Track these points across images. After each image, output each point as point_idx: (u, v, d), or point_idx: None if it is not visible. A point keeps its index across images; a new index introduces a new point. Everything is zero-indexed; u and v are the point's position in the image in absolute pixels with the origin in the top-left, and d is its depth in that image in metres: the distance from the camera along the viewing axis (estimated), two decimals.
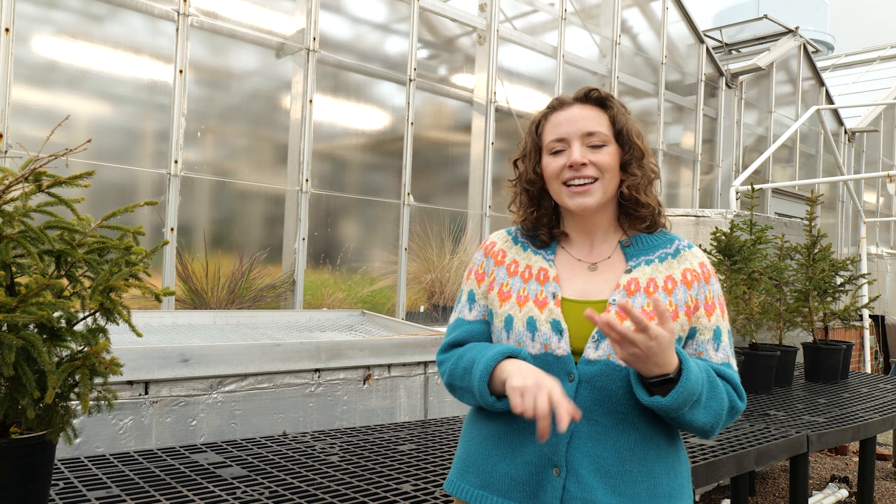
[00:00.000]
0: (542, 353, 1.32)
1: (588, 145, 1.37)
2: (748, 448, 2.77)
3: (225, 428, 2.91)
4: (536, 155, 1.43)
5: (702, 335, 1.36)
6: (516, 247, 1.46)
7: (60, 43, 4.19)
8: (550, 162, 1.39)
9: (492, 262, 1.45)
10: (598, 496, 1.27)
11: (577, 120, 1.38)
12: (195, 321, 3.98)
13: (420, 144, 5.94)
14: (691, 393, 1.22)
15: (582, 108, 1.40)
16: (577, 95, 1.42)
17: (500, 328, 1.38)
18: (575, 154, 1.35)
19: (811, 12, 34.05)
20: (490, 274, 1.44)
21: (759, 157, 8.68)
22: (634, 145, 1.39)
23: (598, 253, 1.42)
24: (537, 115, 1.46)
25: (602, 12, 7.82)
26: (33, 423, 1.55)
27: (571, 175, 1.35)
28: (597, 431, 1.29)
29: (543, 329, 1.32)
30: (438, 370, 1.45)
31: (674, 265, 1.38)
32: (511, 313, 1.36)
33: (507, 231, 1.51)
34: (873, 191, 13.42)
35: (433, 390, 3.58)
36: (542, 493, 1.30)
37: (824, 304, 4.69)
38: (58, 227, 1.62)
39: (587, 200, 1.36)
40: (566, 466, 1.29)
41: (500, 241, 1.49)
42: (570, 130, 1.37)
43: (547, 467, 1.30)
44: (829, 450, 5.94)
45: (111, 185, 4.38)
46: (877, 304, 9.83)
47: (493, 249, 1.47)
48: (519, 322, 1.35)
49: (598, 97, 1.41)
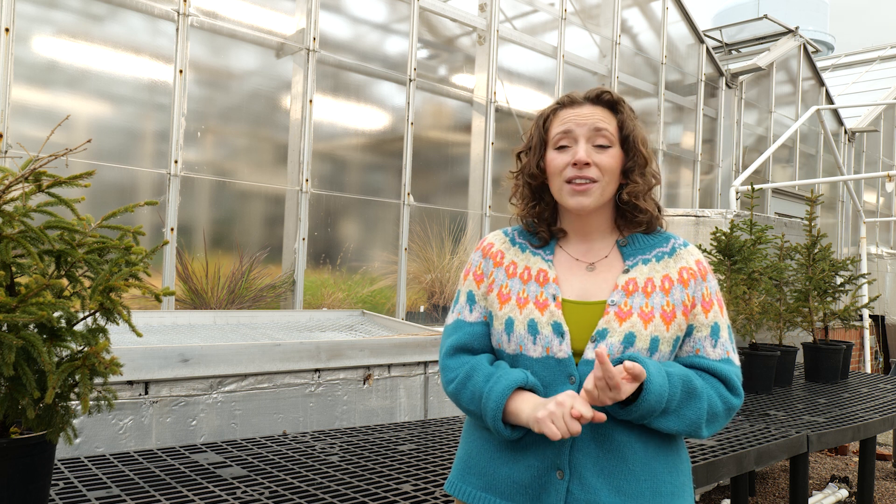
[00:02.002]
0: (543, 356, 1.32)
1: (594, 145, 1.37)
2: (748, 448, 2.77)
3: (225, 428, 2.91)
4: (541, 149, 1.43)
5: (699, 332, 1.36)
6: (514, 248, 1.45)
7: (60, 43, 4.19)
8: (555, 157, 1.39)
9: (490, 264, 1.45)
10: (602, 497, 1.27)
11: (587, 117, 1.38)
12: (195, 321, 3.98)
13: (420, 144, 5.94)
14: (651, 410, 1.25)
15: (593, 108, 1.40)
16: (588, 95, 1.42)
17: (501, 330, 1.37)
18: (580, 152, 1.35)
19: (811, 12, 34.06)
20: (489, 275, 1.44)
21: (759, 157, 8.68)
22: (639, 153, 1.39)
23: (595, 252, 1.42)
24: (546, 110, 1.45)
25: (602, 12, 7.82)
26: (33, 423, 1.55)
27: (574, 174, 1.35)
28: (599, 433, 1.30)
29: (545, 332, 1.32)
30: (442, 376, 1.44)
31: (670, 264, 1.38)
32: (511, 315, 1.36)
33: (504, 232, 1.51)
34: (873, 191, 13.42)
35: (433, 390, 3.58)
36: (546, 496, 1.29)
37: (824, 304, 4.69)
38: (58, 227, 1.62)
39: (585, 200, 1.36)
40: (569, 469, 1.29)
41: (497, 241, 1.48)
42: (578, 127, 1.37)
43: (550, 470, 1.30)
44: (829, 450, 5.94)
45: (111, 185, 4.38)
46: (877, 304, 9.83)
47: (492, 251, 1.47)
48: (520, 325, 1.34)
49: (609, 100, 1.41)
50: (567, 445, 1.29)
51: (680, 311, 1.34)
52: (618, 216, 1.43)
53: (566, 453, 1.29)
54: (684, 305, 1.35)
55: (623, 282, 1.35)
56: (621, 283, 1.35)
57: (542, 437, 1.29)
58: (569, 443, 1.29)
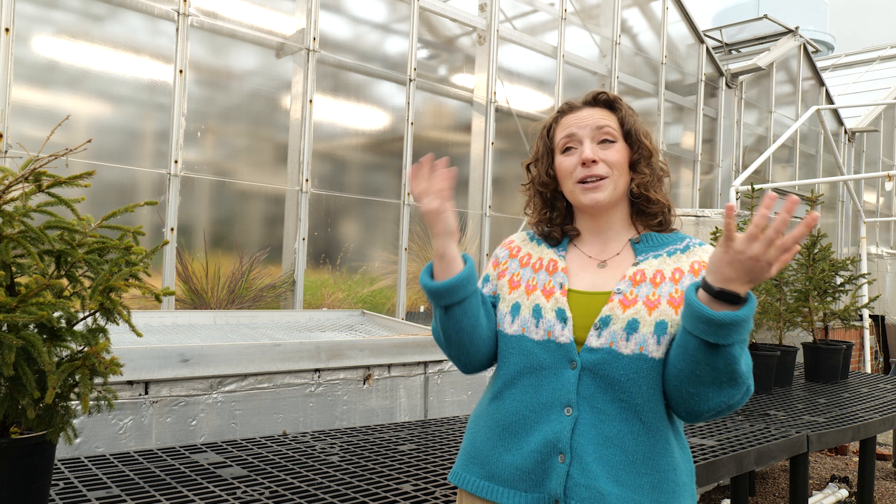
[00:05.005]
0: (545, 339, 1.35)
1: (598, 141, 1.41)
2: (748, 448, 2.77)
3: (225, 428, 2.91)
4: (548, 157, 1.48)
5: None
6: (532, 243, 1.53)
7: (60, 43, 4.19)
8: (563, 161, 1.44)
9: (507, 254, 1.53)
10: (601, 484, 1.28)
11: (587, 118, 1.43)
12: (195, 321, 3.98)
13: (420, 144, 5.94)
14: (749, 320, 1.16)
15: (592, 109, 1.45)
16: (585, 99, 1.48)
17: (506, 312, 1.42)
18: (586, 151, 1.39)
19: (811, 12, 34.05)
20: (503, 264, 1.52)
21: (759, 157, 8.67)
22: (643, 145, 1.44)
23: (609, 250, 1.45)
24: (548, 120, 1.51)
25: (602, 12, 7.82)
26: (33, 423, 1.55)
27: (584, 173, 1.39)
28: (601, 419, 1.30)
29: (548, 316, 1.36)
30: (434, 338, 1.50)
31: (682, 258, 1.39)
32: (519, 301, 1.42)
33: (527, 233, 1.58)
34: (873, 191, 13.42)
35: (433, 390, 3.58)
36: (548, 481, 1.31)
37: (824, 304, 4.69)
38: (58, 227, 1.62)
39: (598, 195, 1.39)
40: (571, 453, 1.30)
41: (518, 239, 1.57)
42: (581, 129, 1.42)
43: (552, 454, 1.31)
44: (829, 450, 5.94)
45: (111, 185, 4.37)
46: (877, 304, 9.83)
47: (511, 245, 1.55)
48: (525, 309, 1.39)
49: (606, 99, 1.46)
50: (569, 429, 1.30)
51: None
52: (633, 212, 1.47)
53: (567, 437, 1.30)
54: None
55: (631, 273, 1.37)
56: (629, 274, 1.37)
57: (545, 423, 1.32)
58: (570, 426, 1.30)
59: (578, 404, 1.31)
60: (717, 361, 1.19)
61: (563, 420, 1.31)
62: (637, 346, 1.30)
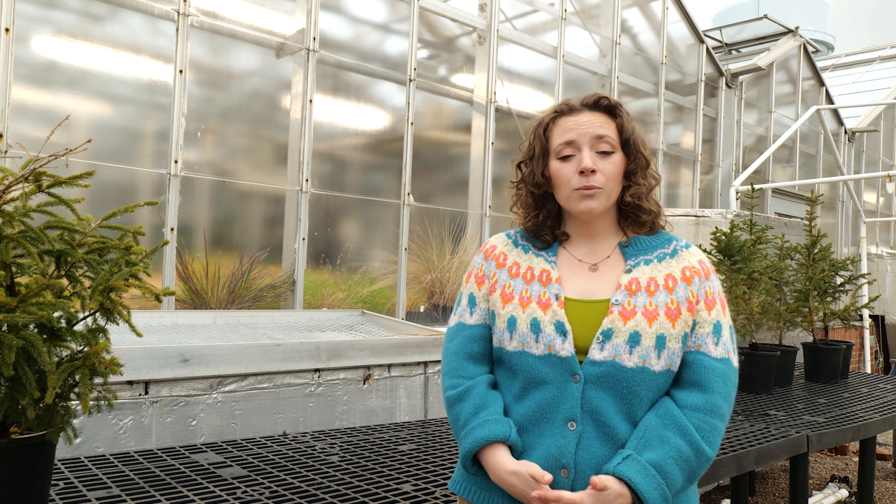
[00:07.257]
0: (545, 353, 1.32)
1: (597, 151, 1.38)
2: (748, 448, 2.77)
3: (225, 428, 2.91)
4: (543, 158, 1.44)
5: (701, 328, 1.36)
6: (517, 249, 1.47)
7: (60, 43, 4.19)
8: (560, 167, 1.40)
9: (493, 265, 1.46)
10: None
11: (587, 125, 1.39)
12: (195, 321, 3.97)
13: (420, 144, 5.94)
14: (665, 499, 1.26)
15: (591, 114, 1.41)
16: (585, 101, 1.43)
17: (503, 328, 1.38)
18: (585, 160, 1.37)
19: (811, 12, 34.01)
20: (491, 277, 1.45)
21: (759, 157, 8.68)
22: (640, 155, 1.42)
23: (598, 254, 1.43)
24: (545, 118, 1.46)
25: (602, 12, 7.82)
26: (33, 423, 1.55)
27: (581, 183, 1.37)
28: (605, 433, 1.30)
29: (547, 330, 1.33)
30: (442, 381, 1.45)
31: (672, 264, 1.39)
32: (514, 314, 1.37)
33: (507, 234, 1.52)
34: (873, 191, 13.42)
35: (433, 390, 3.58)
36: None
37: (824, 304, 4.69)
38: (58, 227, 1.62)
39: (592, 204, 1.37)
40: (574, 468, 1.29)
41: (500, 244, 1.49)
42: (581, 136, 1.39)
43: (555, 469, 1.30)
44: (829, 450, 5.94)
45: (111, 185, 4.37)
46: (877, 304, 9.83)
47: (494, 252, 1.48)
48: (523, 323, 1.35)
49: (607, 105, 1.43)
50: (572, 444, 1.29)
51: (685, 307, 1.35)
52: (621, 218, 1.45)
53: (571, 452, 1.29)
54: (689, 302, 1.35)
55: (626, 281, 1.36)
56: (624, 283, 1.36)
57: (547, 436, 1.31)
58: (574, 441, 1.29)
59: (582, 419, 1.30)
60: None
61: (567, 434, 1.29)
62: (640, 360, 1.29)
